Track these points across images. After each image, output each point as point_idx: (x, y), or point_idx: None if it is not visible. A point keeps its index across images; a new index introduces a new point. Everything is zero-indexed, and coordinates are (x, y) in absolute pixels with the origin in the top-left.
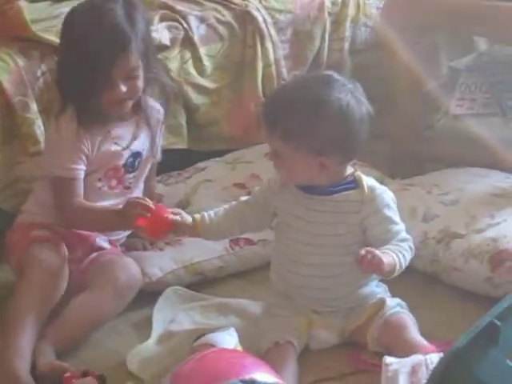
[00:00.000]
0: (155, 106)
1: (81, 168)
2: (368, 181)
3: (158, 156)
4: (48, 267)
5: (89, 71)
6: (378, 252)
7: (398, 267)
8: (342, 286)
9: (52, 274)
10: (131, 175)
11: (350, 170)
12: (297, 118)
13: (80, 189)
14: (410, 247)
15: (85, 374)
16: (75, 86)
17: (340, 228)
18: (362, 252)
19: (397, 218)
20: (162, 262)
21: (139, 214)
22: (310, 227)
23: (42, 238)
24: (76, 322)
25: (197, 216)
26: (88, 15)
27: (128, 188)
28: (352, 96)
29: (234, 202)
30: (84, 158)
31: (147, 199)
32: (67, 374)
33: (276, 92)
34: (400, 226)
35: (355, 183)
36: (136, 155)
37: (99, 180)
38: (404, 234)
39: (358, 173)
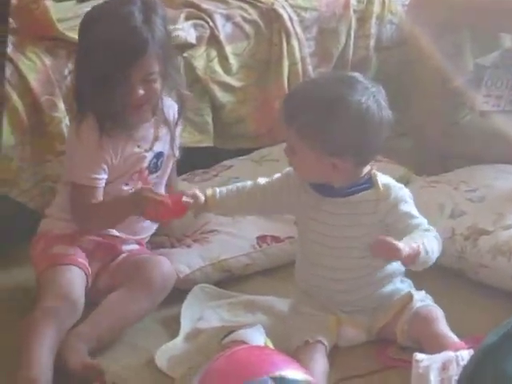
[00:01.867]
0: (169, 103)
1: (102, 178)
2: (383, 179)
3: (177, 153)
4: (66, 296)
5: (107, 75)
6: (388, 238)
7: (421, 250)
8: (363, 287)
9: (69, 303)
10: (154, 175)
11: (367, 169)
12: (313, 115)
13: (99, 197)
14: (436, 237)
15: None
16: (93, 92)
17: (357, 230)
18: (376, 240)
19: (415, 212)
20: (189, 259)
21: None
22: (327, 229)
23: (63, 259)
24: (109, 320)
25: (208, 192)
26: (105, 19)
27: (153, 187)
28: (374, 100)
29: (249, 182)
30: (106, 167)
31: (157, 194)
32: None
33: (296, 88)
34: (420, 219)
35: (370, 182)
36: (158, 155)
37: (126, 184)
38: (426, 226)
39: (374, 171)
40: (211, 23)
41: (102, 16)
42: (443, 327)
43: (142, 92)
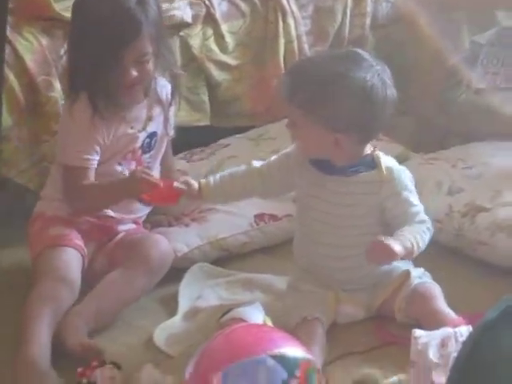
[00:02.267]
0: (162, 83)
1: (94, 158)
2: (386, 161)
3: (172, 132)
4: (63, 277)
5: (100, 56)
6: (388, 242)
7: (415, 249)
8: (363, 265)
9: (66, 284)
10: (147, 155)
11: (369, 148)
12: (317, 89)
13: (91, 178)
14: (428, 228)
15: (101, 363)
16: (86, 72)
17: (359, 209)
18: (372, 244)
19: (415, 200)
20: (187, 238)
21: (144, 191)
22: (329, 208)
23: (60, 240)
24: (108, 299)
25: (202, 180)
26: None
27: (147, 168)
28: (378, 78)
29: (243, 167)
30: (98, 148)
31: (151, 174)
32: (80, 369)
33: (301, 62)
34: (418, 208)
35: (373, 163)
36: (152, 135)
37: (119, 164)
38: (422, 216)
39: (377, 152)
40: (207, 2)
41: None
42: (441, 304)
43: (135, 73)
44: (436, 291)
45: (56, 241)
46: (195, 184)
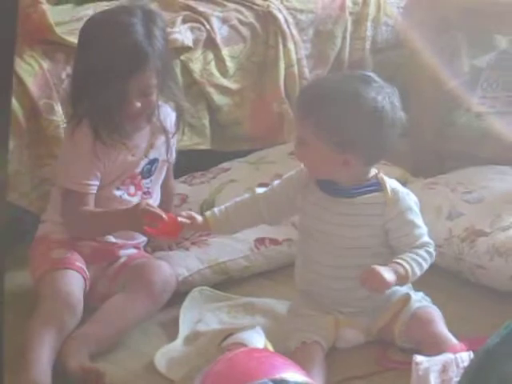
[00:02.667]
0: (167, 111)
1: (94, 184)
2: (391, 183)
3: (173, 157)
4: (65, 299)
5: (104, 86)
6: (379, 270)
7: (410, 276)
8: (363, 288)
9: (69, 307)
10: (147, 180)
11: (373, 171)
12: (331, 109)
13: (90, 203)
14: (429, 252)
15: None
16: (90, 99)
17: (362, 230)
18: (363, 275)
19: (419, 222)
20: (188, 262)
21: (148, 224)
22: (331, 229)
23: (62, 263)
24: (110, 323)
25: (207, 213)
26: (106, 29)
27: (147, 193)
28: (388, 100)
29: (247, 196)
30: (98, 173)
31: (156, 208)
32: None
33: (315, 81)
34: (422, 230)
35: (378, 185)
36: (153, 162)
37: (118, 189)
38: (425, 239)
39: (381, 175)
40: (208, 26)
41: (102, 25)
42: (441, 328)
43: (138, 105)
44: (436, 315)
45: (58, 264)
46: (199, 218)
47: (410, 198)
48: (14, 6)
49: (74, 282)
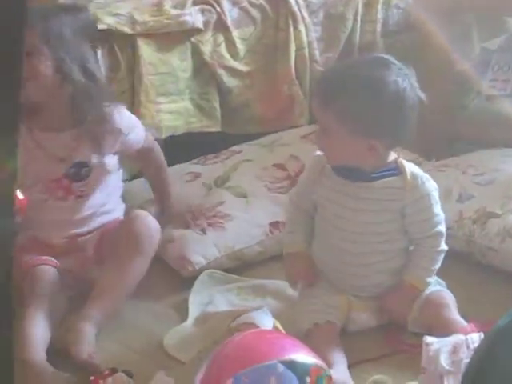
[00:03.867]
0: (114, 125)
1: None
2: (411, 167)
3: (149, 141)
4: (37, 278)
5: None
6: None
7: (427, 282)
8: (381, 272)
9: (42, 282)
10: (80, 184)
11: (392, 156)
12: (354, 95)
13: None
14: (442, 250)
15: (113, 371)
16: None
17: (381, 215)
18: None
19: (437, 209)
20: (205, 250)
21: None
22: (351, 214)
23: (35, 263)
24: (112, 293)
25: (294, 250)
26: None
27: (81, 197)
28: (408, 82)
29: (290, 211)
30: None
31: None
32: (92, 378)
33: (333, 68)
34: (438, 218)
35: (397, 169)
36: (79, 165)
37: (42, 192)
38: (439, 228)
39: (401, 159)
40: (218, 8)
41: None
42: (454, 314)
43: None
44: (448, 299)
45: (31, 264)
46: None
47: (430, 183)
48: None
49: (45, 269)
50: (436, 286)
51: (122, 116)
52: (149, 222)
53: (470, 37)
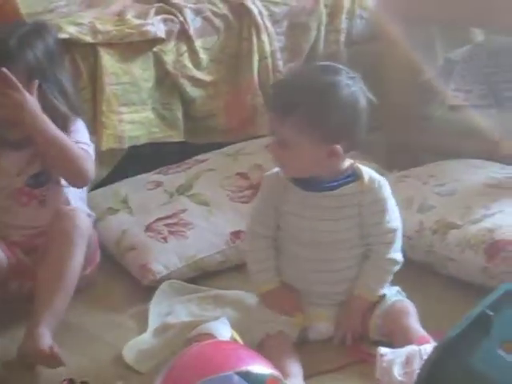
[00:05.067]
0: (70, 130)
1: None
2: (369, 172)
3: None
4: None
5: None
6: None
7: (376, 293)
8: (345, 280)
9: None
10: (42, 189)
11: (348, 162)
12: (310, 105)
13: None
14: (393, 260)
15: (71, 382)
16: None
17: (343, 223)
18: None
19: (390, 216)
20: (166, 259)
21: None
22: (313, 225)
23: None
24: (55, 292)
25: (267, 285)
26: None
27: (43, 201)
28: (358, 86)
29: (249, 240)
30: None
31: None
32: None
33: (285, 80)
34: (390, 225)
35: (355, 175)
36: (36, 175)
37: (7, 198)
38: (391, 235)
39: (357, 164)
40: (181, 18)
41: None
42: (413, 322)
43: None
44: (410, 309)
45: None
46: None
47: (386, 189)
48: None
49: None
50: (397, 296)
51: (78, 129)
52: (74, 214)
53: (433, 47)
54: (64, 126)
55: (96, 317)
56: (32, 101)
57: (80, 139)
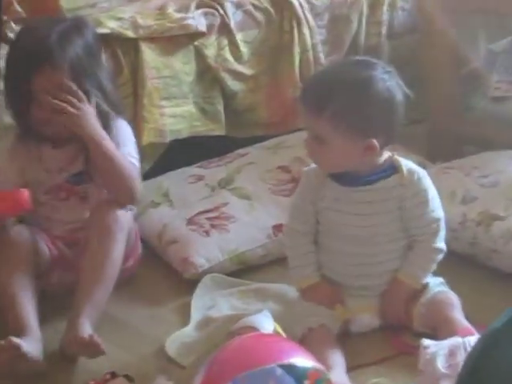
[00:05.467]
0: (119, 125)
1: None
2: (407, 164)
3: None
4: (8, 240)
5: (13, 83)
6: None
7: (420, 280)
8: (387, 272)
9: (19, 249)
10: (82, 186)
11: (386, 155)
12: (347, 99)
13: None
14: (438, 248)
15: (114, 376)
16: (7, 98)
17: (382, 217)
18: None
19: (433, 205)
20: (208, 252)
21: None
22: (352, 220)
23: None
24: (96, 285)
25: (307, 280)
26: (27, 29)
27: (84, 198)
28: (394, 80)
29: (287, 238)
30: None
31: None
32: (92, 383)
33: (318, 75)
34: (434, 214)
35: (394, 168)
36: (78, 174)
37: (45, 193)
38: (436, 224)
39: (396, 157)
40: (222, 11)
41: (29, 27)
42: (457, 313)
43: (47, 106)
44: (454, 300)
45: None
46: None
47: (426, 179)
48: None
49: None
50: (441, 286)
51: (120, 129)
52: (113, 207)
53: (476, 38)
54: (105, 124)
55: (138, 310)
56: (91, 112)
57: (129, 152)
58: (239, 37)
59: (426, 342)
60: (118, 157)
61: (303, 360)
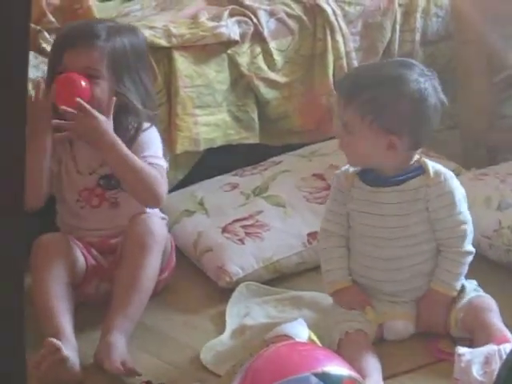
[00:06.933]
0: (141, 142)
1: None
2: (435, 166)
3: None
4: (46, 248)
5: (50, 58)
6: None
7: (454, 287)
8: (418, 276)
9: (57, 257)
10: (113, 191)
11: (416, 157)
12: (377, 91)
13: None
14: (467, 252)
15: None
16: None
17: (411, 218)
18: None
19: (461, 207)
20: (242, 260)
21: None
22: (381, 221)
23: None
24: (131, 298)
25: (338, 284)
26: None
27: (115, 203)
28: (430, 83)
29: (323, 241)
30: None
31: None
32: None
33: (357, 68)
34: (462, 216)
35: (421, 169)
36: (108, 177)
37: (77, 201)
38: (464, 227)
39: (423, 159)
40: (255, 19)
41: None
42: (495, 317)
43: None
44: (492, 304)
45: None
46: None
47: (453, 181)
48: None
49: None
50: (477, 290)
51: (151, 140)
52: (149, 220)
53: (510, 45)
54: (137, 127)
55: (173, 319)
56: (106, 123)
57: (153, 154)
58: (272, 45)
59: (461, 349)
60: (137, 165)
61: (338, 368)
